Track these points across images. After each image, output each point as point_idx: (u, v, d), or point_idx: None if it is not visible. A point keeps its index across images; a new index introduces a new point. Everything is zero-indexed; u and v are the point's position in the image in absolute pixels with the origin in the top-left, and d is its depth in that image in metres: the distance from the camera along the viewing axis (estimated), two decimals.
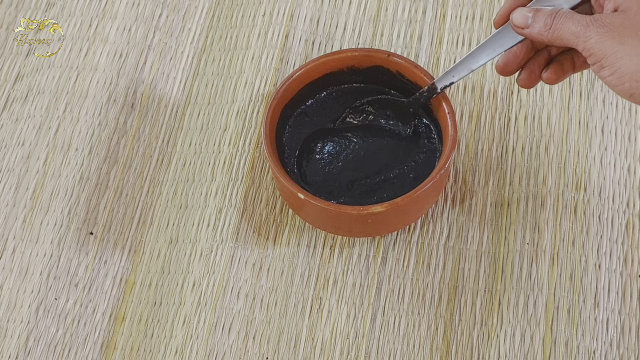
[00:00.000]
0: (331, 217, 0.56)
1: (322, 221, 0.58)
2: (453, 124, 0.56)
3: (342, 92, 0.61)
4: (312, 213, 0.58)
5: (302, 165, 0.59)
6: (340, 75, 0.60)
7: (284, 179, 0.55)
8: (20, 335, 0.59)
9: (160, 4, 0.71)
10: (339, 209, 0.55)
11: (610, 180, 0.61)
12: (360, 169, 0.59)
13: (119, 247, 0.62)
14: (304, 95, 0.60)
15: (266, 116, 0.56)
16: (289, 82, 0.58)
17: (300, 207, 0.58)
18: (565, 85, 0.65)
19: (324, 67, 0.59)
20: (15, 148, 0.66)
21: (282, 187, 0.57)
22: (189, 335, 0.58)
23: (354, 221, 0.56)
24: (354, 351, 0.57)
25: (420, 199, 0.55)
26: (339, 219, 0.56)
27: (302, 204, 0.56)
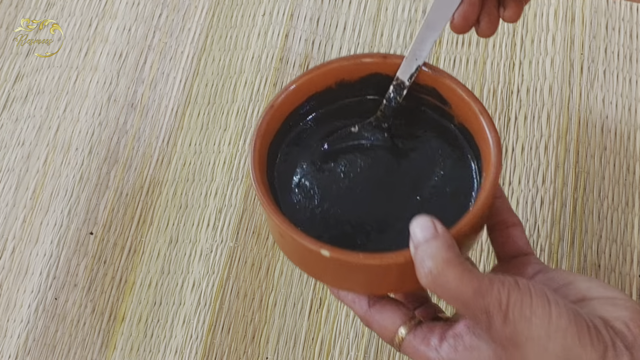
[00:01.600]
0: (388, 273, 0.42)
1: (365, 283, 0.43)
2: (482, 111, 0.43)
3: (332, 114, 0.49)
4: (347, 274, 0.43)
5: (303, 212, 0.46)
6: (328, 94, 0.48)
7: (298, 236, 0.41)
8: (20, 335, 0.59)
9: (160, 4, 0.71)
10: (397, 259, 0.39)
11: (609, 180, 0.61)
12: (376, 201, 0.46)
13: (119, 247, 0.62)
14: (289, 125, 0.48)
15: (252, 161, 0.44)
16: (270, 115, 0.46)
17: (323, 269, 0.43)
18: (565, 85, 0.65)
19: (307, 87, 0.48)
20: (15, 148, 0.66)
21: (296, 245, 0.41)
22: (189, 335, 0.58)
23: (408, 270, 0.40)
24: (353, 351, 0.57)
25: (480, 219, 0.42)
26: (394, 272, 0.42)
27: (329, 263, 0.41)
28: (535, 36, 0.67)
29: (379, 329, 0.43)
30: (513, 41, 0.66)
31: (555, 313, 0.36)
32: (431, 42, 0.45)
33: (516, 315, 0.36)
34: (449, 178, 0.45)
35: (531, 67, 0.65)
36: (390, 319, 0.42)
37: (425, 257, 0.37)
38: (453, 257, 0.37)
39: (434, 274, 0.37)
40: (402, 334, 0.42)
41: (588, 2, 0.67)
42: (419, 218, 0.39)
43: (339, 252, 0.40)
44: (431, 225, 0.38)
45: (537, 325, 0.36)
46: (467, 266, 0.37)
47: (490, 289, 0.36)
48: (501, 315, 0.36)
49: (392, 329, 0.42)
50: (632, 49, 0.65)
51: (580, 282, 0.41)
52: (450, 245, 0.38)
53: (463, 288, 0.36)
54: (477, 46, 0.67)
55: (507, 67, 0.66)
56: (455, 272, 0.36)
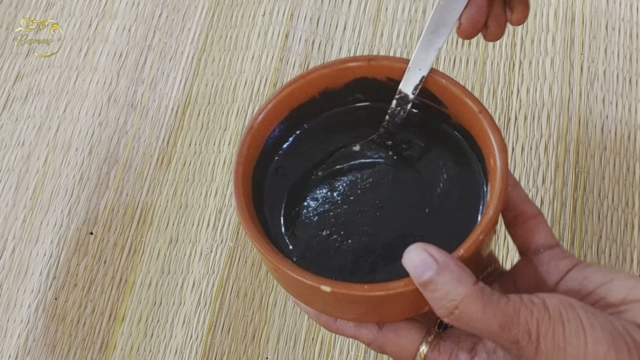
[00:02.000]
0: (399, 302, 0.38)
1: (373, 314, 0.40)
2: (485, 114, 0.40)
3: (320, 127, 0.45)
4: (350, 308, 0.39)
5: (298, 241, 0.42)
6: (312, 104, 0.44)
7: (294, 272, 0.37)
8: (20, 335, 0.59)
9: (160, 4, 0.71)
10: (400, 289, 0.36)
11: (609, 180, 0.61)
12: (381, 222, 0.42)
13: (119, 247, 0.62)
14: (273, 147, 0.44)
15: (236, 190, 0.40)
16: (250, 137, 0.42)
17: (325, 303, 0.39)
18: (565, 85, 0.65)
19: (289, 101, 0.43)
20: (15, 148, 0.66)
21: (293, 280, 0.38)
22: (189, 335, 0.58)
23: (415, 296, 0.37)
24: (353, 351, 0.57)
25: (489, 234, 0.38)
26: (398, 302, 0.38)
27: (330, 297, 0.37)
28: (535, 36, 0.66)
29: (396, 351, 0.39)
30: (513, 41, 0.66)
31: (592, 340, 0.33)
32: (435, 49, 0.41)
33: (549, 347, 0.33)
34: (455, 187, 0.42)
35: (531, 67, 0.65)
36: (407, 337, 0.38)
37: (438, 300, 0.33)
38: (469, 291, 0.33)
39: (455, 314, 0.33)
40: (424, 351, 0.38)
41: (588, 2, 0.67)
42: (411, 253, 0.34)
43: (341, 286, 0.36)
44: (427, 259, 0.34)
45: (572, 355, 0.33)
46: (487, 294, 0.33)
47: (517, 320, 0.33)
48: (532, 347, 0.33)
49: (412, 348, 0.38)
50: (632, 49, 0.65)
51: (620, 280, 0.37)
52: (459, 276, 0.33)
53: (487, 323, 0.33)
54: (477, 46, 0.67)
55: (507, 67, 0.66)
56: (477, 307, 0.33)
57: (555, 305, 0.34)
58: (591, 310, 0.34)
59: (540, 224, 0.41)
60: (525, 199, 0.42)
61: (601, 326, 0.33)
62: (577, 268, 0.39)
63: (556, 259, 0.39)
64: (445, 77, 0.41)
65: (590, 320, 0.33)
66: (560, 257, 0.39)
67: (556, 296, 0.34)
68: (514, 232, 0.41)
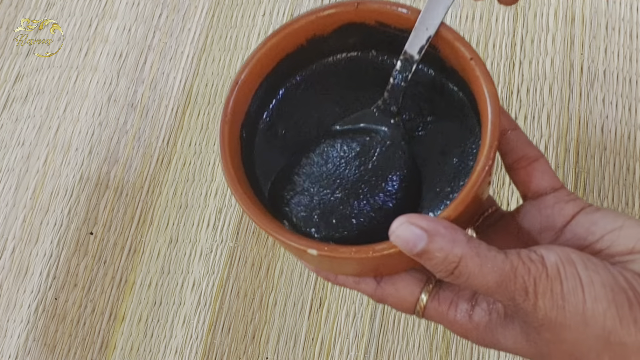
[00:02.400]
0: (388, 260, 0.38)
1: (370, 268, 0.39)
2: (480, 67, 0.38)
3: (311, 80, 0.43)
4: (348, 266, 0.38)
5: (292, 201, 0.40)
6: (300, 54, 0.42)
7: (282, 235, 0.36)
8: (20, 335, 0.59)
9: (160, 4, 0.71)
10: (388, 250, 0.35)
11: (609, 180, 0.61)
12: (377, 178, 0.40)
13: (119, 247, 0.62)
14: (262, 102, 0.42)
15: (223, 152, 0.38)
16: (235, 95, 0.39)
17: (319, 264, 0.39)
18: (565, 85, 0.65)
19: (276, 51, 0.41)
20: (15, 148, 0.66)
21: (280, 242, 0.37)
22: (189, 335, 0.58)
23: None
24: (353, 351, 0.57)
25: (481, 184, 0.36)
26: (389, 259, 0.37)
27: (322, 260, 0.37)
28: (535, 36, 0.66)
29: (396, 303, 0.38)
30: (513, 41, 0.66)
31: (590, 298, 0.32)
32: (444, 7, 0.38)
33: (547, 305, 0.32)
34: (450, 138, 0.40)
35: (531, 67, 0.65)
36: (406, 289, 0.38)
37: (437, 266, 0.33)
38: (465, 250, 0.32)
39: (454, 274, 0.33)
40: (424, 301, 0.37)
41: (588, 2, 0.67)
42: (398, 230, 0.33)
43: (328, 249, 0.35)
44: (415, 230, 0.32)
45: (571, 312, 0.32)
46: (484, 251, 0.32)
47: (514, 278, 0.32)
48: (529, 304, 0.32)
49: (411, 299, 0.38)
50: (632, 49, 0.65)
51: (631, 228, 0.35)
52: (452, 238, 0.32)
53: (484, 280, 0.32)
54: (477, 46, 0.67)
55: (507, 67, 0.66)
56: (474, 264, 0.32)
57: (554, 262, 0.33)
58: (592, 264, 0.33)
59: (543, 166, 0.39)
60: (526, 141, 0.40)
61: (601, 282, 0.32)
62: (585, 212, 0.37)
63: (561, 202, 0.38)
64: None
65: (590, 276, 0.32)
66: (566, 200, 0.38)
67: (555, 250, 0.33)
68: (515, 177, 0.40)
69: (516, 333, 0.35)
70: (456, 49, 0.38)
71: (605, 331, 0.32)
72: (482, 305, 0.36)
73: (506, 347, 0.36)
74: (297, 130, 0.42)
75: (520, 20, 0.67)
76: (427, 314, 0.38)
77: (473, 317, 0.36)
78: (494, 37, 0.66)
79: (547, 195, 0.38)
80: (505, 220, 0.40)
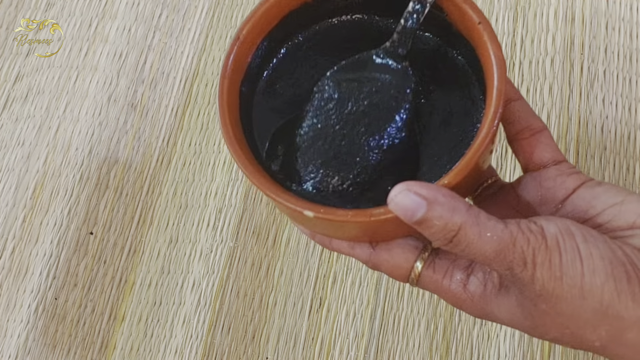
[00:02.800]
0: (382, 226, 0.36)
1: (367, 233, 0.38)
2: (492, 40, 0.36)
3: (314, 40, 0.41)
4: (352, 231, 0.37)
5: (290, 159, 0.39)
6: (304, 11, 0.40)
7: (278, 195, 0.35)
8: (20, 335, 0.59)
9: (160, 4, 0.71)
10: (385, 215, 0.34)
11: (609, 180, 0.61)
12: (378, 140, 0.38)
13: (119, 247, 0.62)
14: (262, 59, 0.40)
15: (221, 109, 0.37)
16: (236, 51, 0.38)
17: (314, 226, 0.38)
18: (565, 85, 0.65)
19: (279, 7, 0.39)
20: (15, 148, 0.66)
21: (277, 203, 0.36)
22: (189, 335, 0.58)
23: None
24: (353, 351, 0.57)
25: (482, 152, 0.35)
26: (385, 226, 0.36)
27: (317, 222, 0.36)
28: (535, 36, 0.66)
29: (391, 269, 0.37)
30: (513, 41, 0.66)
31: (588, 271, 0.32)
32: None
33: (545, 276, 0.32)
34: (452, 107, 0.39)
35: (531, 67, 0.65)
36: (401, 256, 0.37)
37: (436, 234, 0.32)
38: (465, 218, 0.32)
39: (453, 242, 0.32)
40: (419, 268, 0.37)
41: (588, 2, 0.67)
42: (397, 197, 0.32)
43: (325, 211, 0.34)
44: (415, 198, 0.32)
45: (569, 285, 0.32)
46: (483, 220, 0.32)
47: (513, 248, 0.32)
48: (527, 274, 0.32)
49: (406, 266, 0.37)
50: (632, 49, 0.65)
51: (632, 203, 0.35)
52: (451, 206, 0.32)
53: (482, 248, 0.32)
54: None
55: (507, 67, 0.66)
56: (473, 233, 0.32)
57: (553, 234, 0.32)
58: (591, 237, 0.33)
59: (546, 138, 0.38)
60: (530, 112, 0.39)
61: (600, 255, 0.32)
62: (587, 186, 0.37)
63: (563, 175, 0.37)
64: None
65: (589, 249, 0.32)
66: (568, 172, 0.37)
67: (555, 222, 0.33)
68: (517, 147, 0.39)
69: (511, 305, 0.35)
70: (464, 12, 0.37)
71: (603, 305, 0.32)
72: (478, 275, 0.36)
73: (500, 318, 0.36)
74: (296, 90, 0.40)
75: (520, 20, 0.67)
76: (421, 282, 0.37)
77: (468, 287, 0.36)
78: None
79: (548, 167, 0.38)
80: (505, 191, 0.40)
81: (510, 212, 0.38)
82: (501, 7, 0.67)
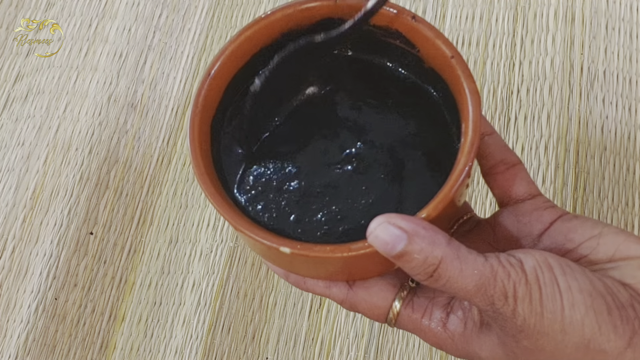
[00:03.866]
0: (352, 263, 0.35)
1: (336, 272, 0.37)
2: (465, 73, 0.36)
3: (280, 74, 0.40)
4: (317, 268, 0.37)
5: (260, 197, 0.38)
6: (276, 48, 0.40)
7: (252, 232, 0.34)
8: (20, 335, 0.59)
9: (160, 4, 0.71)
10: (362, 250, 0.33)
11: (609, 180, 0.61)
12: (348, 177, 0.38)
13: (119, 247, 0.62)
14: (234, 95, 0.40)
15: (192, 144, 0.36)
16: (208, 86, 0.38)
17: (290, 263, 0.37)
18: (565, 85, 0.65)
19: (250, 44, 0.39)
20: (15, 148, 0.66)
21: (252, 241, 0.35)
22: (189, 335, 0.58)
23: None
24: (353, 351, 0.57)
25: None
26: (360, 262, 0.35)
27: (294, 259, 0.35)
28: (535, 36, 0.66)
29: (368, 309, 0.37)
30: (513, 41, 0.66)
31: (568, 304, 0.31)
32: None
33: (526, 311, 0.31)
34: (425, 138, 0.39)
35: (531, 67, 0.65)
36: (379, 295, 0.36)
37: (416, 268, 0.31)
38: (445, 252, 0.31)
39: (433, 277, 0.31)
40: (397, 308, 0.36)
41: (588, 2, 0.67)
42: (376, 230, 0.31)
43: (302, 247, 0.33)
44: (395, 231, 0.31)
45: (549, 320, 0.31)
46: (464, 253, 0.31)
47: (494, 282, 0.31)
48: (509, 309, 0.31)
49: (384, 305, 0.36)
50: (632, 49, 0.65)
51: (609, 235, 0.34)
52: (432, 239, 0.31)
53: (464, 283, 0.31)
54: (477, 46, 0.67)
55: (507, 67, 0.66)
56: (454, 267, 0.31)
57: (532, 267, 0.32)
58: (570, 269, 0.32)
59: (521, 172, 0.38)
60: (503, 146, 0.39)
61: (579, 287, 0.31)
62: (563, 219, 0.36)
63: (539, 209, 0.37)
64: (417, 18, 0.38)
65: (567, 282, 0.32)
66: (543, 207, 0.37)
67: (533, 255, 0.32)
68: (492, 182, 0.39)
69: (493, 343, 0.34)
70: (436, 47, 0.37)
71: (585, 339, 0.31)
72: (458, 314, 0.35)
73: (482, 357, 0.35)
74: (265, 122, 0.40)
75: (520, 20, 0.67)
76: (400, 322, 0.36)
77: (448, 326, 0.35)
78: (494, 37, 0.66)
79: (524, 202, 0.38)
80: (481, 227, 0.39)
81: (488, 249, 0.38)
82: (501, 7, 0.67)
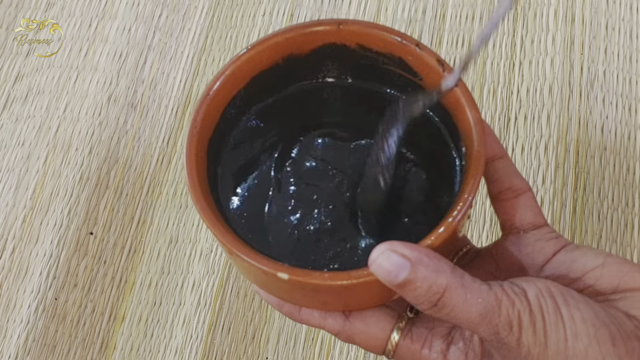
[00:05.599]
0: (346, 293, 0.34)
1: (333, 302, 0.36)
2: (474, 114, 0.36)
3: (283, 104, 0.40)
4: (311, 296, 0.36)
5: (254, 222, 0.38)
6: (275, 73, 0.39)
7: (249, 256, 0.33)
8: (20, 335, 0.59)
9: (160, 4, 0.71)
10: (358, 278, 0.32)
11: (609, 180, 0.61)
12: (349, 203, 0.38)
13: (119, 247, 0.62)
14: (232, 117, 0.39)
15: (189, 165, 0.36)
16: (206, 106, 0.37)
17: (286, 291, 0.36)
18: (565, 85, 0.65)
19: (248, 68, 0.39)
20: (15, 148, 0.66)
21: (248, 265, 0.34)
22: (189, 335, 0.58)
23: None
24: (353, 351, 0.57)
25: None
26: (356, 291, 0.34)
27: (290, 285, 0.34)
28: (535, 36, 0.67)
29: (366, 341, 0.36)
30: (513, 41, 0.66)
31: (571, 335, 0.31)
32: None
33: (530, 341, 0.31)
34: (428, 167, 0.38)
35: (531, 67, 0.65)
36: (377, 326, 0.35)
37: (419, 297, 0.31)
38: (450, 280, 0.30)
39: (438, 306, 0.31)
40: (395, 339, 0.35)
41: (588, 2, 0.67)
42: (379, 258, 0.30)
43: (300, 273, 0.32)
44: (398, 259, 0.30)
45: (553, 350, 0.31)
46: (468, 282, 0.31)
47: (499, 311, 0.31)
48: (513, 339, 0.31)
49: (382, 336, 0.35)
50: (632, 49, 0.65)
51: (612, 265, 0.34)
52: (436, 267, 0.30)
53: (468, 312, 0.31)
54: None
55: (507, 67, 0.66)
56: (459, 295, 0.30)
57: (535, 296, 0.31)
58: (572, 299, 0.32)
59: (529, 200, 0.37)
60: (513, 172, 0.38)
61: (582, 318, 0.31)
62: (566, 250, 0.36)
63: (542, 240, 0.37)
64: (421, 45, 0.37)
65: (570, 311, 0.31)
66: (547, 237, 0.37)
67: (536, 284, 0.32)
68: (499, 208, 0.38)
69: None
70: (439, 75, 0.37)
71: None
72: (459, 345, 0.35)
73: None
74: (265, 149, 0.40)
75: (520, 20, 0.67)
76: (398, 354, 0.36)
77: (448, 357, 0.35)
78: (494, 37, 0.66)
79: (528, 232, 0.37)
80: (482, 258, 0.39)
81: (490, 279, 0.37)
82: None
